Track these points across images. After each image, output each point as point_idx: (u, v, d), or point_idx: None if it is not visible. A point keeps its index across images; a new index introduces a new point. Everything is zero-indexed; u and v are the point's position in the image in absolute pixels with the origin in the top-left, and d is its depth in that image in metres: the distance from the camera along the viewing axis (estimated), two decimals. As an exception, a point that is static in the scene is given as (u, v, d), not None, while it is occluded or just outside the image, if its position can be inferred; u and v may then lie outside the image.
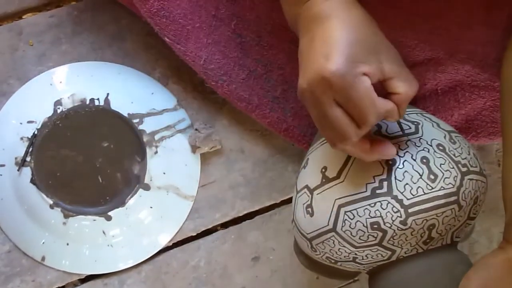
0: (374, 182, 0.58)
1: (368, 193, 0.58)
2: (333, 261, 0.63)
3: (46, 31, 0.80)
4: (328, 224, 0.60)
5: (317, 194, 0.61)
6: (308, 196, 0.62)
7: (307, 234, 0.63)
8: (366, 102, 0.50)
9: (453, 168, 0.59)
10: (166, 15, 0.73)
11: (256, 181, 0.84)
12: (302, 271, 0.84)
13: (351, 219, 0.59)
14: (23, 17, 0.81)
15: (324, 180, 0.61)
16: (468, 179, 0.59)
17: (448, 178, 0.58)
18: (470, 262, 0.62)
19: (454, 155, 0.59)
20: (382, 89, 0.53)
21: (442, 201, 0.58)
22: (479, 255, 0.89)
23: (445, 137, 0.61)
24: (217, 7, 0.75)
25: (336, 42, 0.50)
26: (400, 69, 0.53)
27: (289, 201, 0.85)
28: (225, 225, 0.84)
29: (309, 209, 0.62)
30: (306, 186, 0.63)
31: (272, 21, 0.76)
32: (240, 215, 0.84)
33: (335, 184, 0.60)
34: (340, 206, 0.59)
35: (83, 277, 0.79)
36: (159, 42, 0.77)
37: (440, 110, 0.77)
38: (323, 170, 0.62)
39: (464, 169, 0.59)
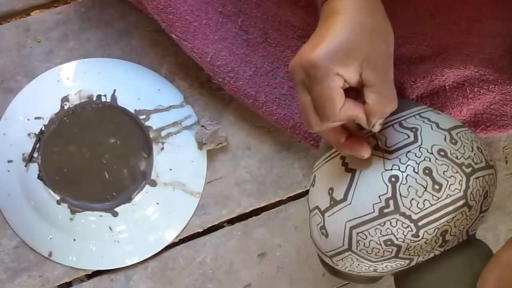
0: (381, 201, 0.57)
1: (376, 213, 0.58)
2: (355, 272, 0.64)
3: (53, 27, 0.81)
4: (343, 245, 0.61)
5: (328, 216, 0.61)
6: (320, 217, 0.63)
7: (326, 252, 0.64)
8: (327, 100, 0.52)
9: (457, 172, 0.58)
10: (173, 12, 0.73)
11: (262, 178, 0.84)
12: (309, 267, 0.84)
13: (364, 239, 0.59)
14: (31, 14, 0.81)
15: (332, 202, 0.61)
16: (474, 178, 0.59)
17: (453, 184, 0.57)
18: (489, 250, 0.62)
19: (456, 157, 0.59)
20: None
21: (450, 208, 0.57)
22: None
23: (445, 138, 0.60)
24: (223, 4, 0.75)
25: (326, 37, 0.51)
26: (378, 81, 0.53)
27: (295, 197, 0.85)
28: (231, 222, 0.84)
29: (323, 231, 0.62)
30: (317, 207, 0.63)
31: (279, 18, 0.76)
32: (247, 211, 0.84)
33: (344, 207, 0.60)
34: (351, 228, 0.59)
35: (89, 272, 0.80)
36: (166, 39, 0.78)
37: (448, 106, 0.77)
38: (330, 191, 0.61)
39: (468, 170, 0.59)
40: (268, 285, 0.83)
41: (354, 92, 0.54)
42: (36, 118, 0.78)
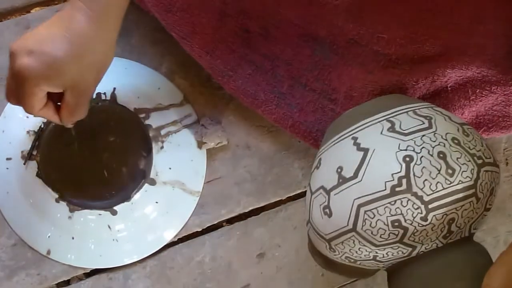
0: (393, 180, 0.58)
1: (387, 191, 0.58)
2: (352, 260, 0.63)
3: (53, 25, 0.80)
4: (347, 225, 0.60)
5: (335, 194, 0.61)
6: (325, 197, 0.62)
7: (325, 235, 0.63)
8: (28, 103, 0.60)
9: (469, 161, 0.59)
10: (173, 10, 0.73)
11: (262, 178, 0.84)
12: (308, 268, 0.84)
13: (372, 218, 0.58)
14: (31, 11, 0.81)
15: (341, 180, 0.61)
16: (484, 170, 0.60)
17: (466, 171, 0.58)
18: (487, 252, 0.62)
19: (469, 147, 0.60)
20: None
21: (461, 195, 0.58)
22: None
23: (458, 130, 0.61)
24: (224, 2, 0.75)
25: (41, 50, 0.57)
26: (75, 104, 0.62)
27: (295, 197, 0.85)
28: (230, 221, 0.84)
29: (327, 210, 0.62)
30: (322, 187, 0.63)
31: (279, 16, 0.76)
32: (246, 211, 0.83)
33: (353, 184, 0.60)
34: (359, 206, 0.59)
35: (88, 271, 0.79)
36: (166, 37, 0.77)
37: (449, 108, 0.77)
38: (339, 170, 0.61)
39: (479, 161, 0.60)
40: (267, 285, 0.83)
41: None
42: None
